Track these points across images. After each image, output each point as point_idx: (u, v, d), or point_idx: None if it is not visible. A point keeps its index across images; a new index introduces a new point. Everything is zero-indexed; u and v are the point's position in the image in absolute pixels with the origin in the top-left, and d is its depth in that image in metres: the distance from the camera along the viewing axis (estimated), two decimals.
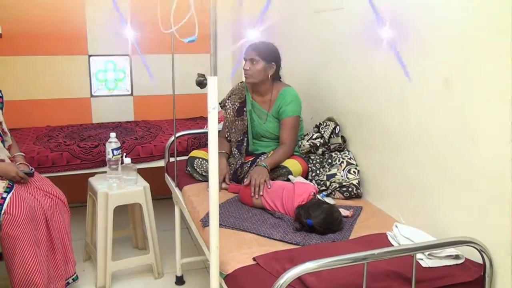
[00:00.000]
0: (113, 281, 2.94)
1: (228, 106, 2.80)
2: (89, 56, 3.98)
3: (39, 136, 3.56)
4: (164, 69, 3.96)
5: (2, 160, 2.63)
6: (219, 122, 1.86)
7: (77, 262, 2.88)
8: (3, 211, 2.42)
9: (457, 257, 1.74)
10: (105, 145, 2.94)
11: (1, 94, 2.82)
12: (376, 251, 1.52)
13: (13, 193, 2.49)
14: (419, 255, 1.70)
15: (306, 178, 2.59)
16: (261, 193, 2.32)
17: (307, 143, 2.73)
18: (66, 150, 3.25)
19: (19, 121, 3.75)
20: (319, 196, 2.34)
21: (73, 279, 2.79)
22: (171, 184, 2.93)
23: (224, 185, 2.60)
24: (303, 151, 2.76)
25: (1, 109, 2.81)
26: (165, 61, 3.95)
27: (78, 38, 3.91)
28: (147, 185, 2.96)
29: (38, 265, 2.47)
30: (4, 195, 2.46)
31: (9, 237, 2.42)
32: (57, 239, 2.63)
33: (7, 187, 2.51)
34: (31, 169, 2.72)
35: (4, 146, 2.74)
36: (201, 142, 3.43)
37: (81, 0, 3.87)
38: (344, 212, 2.20)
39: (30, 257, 2.45)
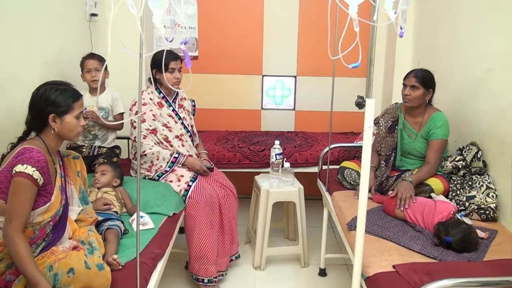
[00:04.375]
0: (267, 264, 2.97)
1: (381, 123, 2.68)
2: (263, 76, 4.10)
3: (219, 138, 3.74)
4: (320, 89, 3.95)
5: (191, 156, 2.79)
6: None
7: (240, 243, 2.96)
8: (188, 195, 2.56)
9: None
10: (270, 150, 2.99)
11: (194, 103, 2.99)
12: (510, 278, 1.39)
13: (196, 182, 2.62)
14: None
15: (447, 197, 2.38)
16: (406, 206, 2.19)
17: (450, 164, 2.50)
18: (239, 151, 3.36)
19: (205, 125, 3.96)
20: (458, 216, 2.14)
21: (235, 257, 2.87)
22: (322, 188, 2.89)
23: (369, 195, 2.48)
24: (445, 171, 2.53)
25: (193, 115, 2.97)
26: (322, 81, 3.94)
27: (255, 62, 4.06)
28: (302, 187, 2.94)
29: (210, 241, 2.57)
30: (190, 183, 2.60)
31: (191, 217, 2.55)
32: (226, 223, 2.71)
33: (192, 177, 2.65)
34: (212, 165, 2.85)
35: (193, 145, 2.93)
36: (351, 154, 3.32)
37: (260, 33, 4.01)
38: (480, 233, 2.00)
39: (205, 235, 2.55)
